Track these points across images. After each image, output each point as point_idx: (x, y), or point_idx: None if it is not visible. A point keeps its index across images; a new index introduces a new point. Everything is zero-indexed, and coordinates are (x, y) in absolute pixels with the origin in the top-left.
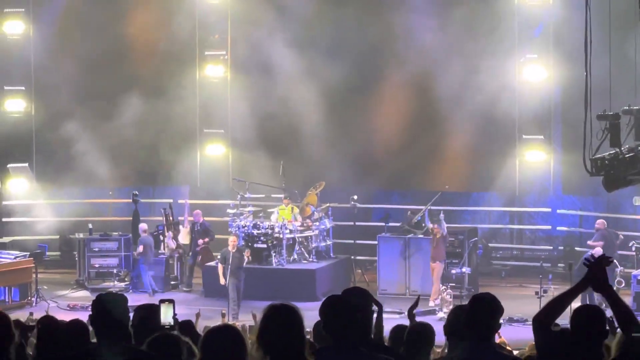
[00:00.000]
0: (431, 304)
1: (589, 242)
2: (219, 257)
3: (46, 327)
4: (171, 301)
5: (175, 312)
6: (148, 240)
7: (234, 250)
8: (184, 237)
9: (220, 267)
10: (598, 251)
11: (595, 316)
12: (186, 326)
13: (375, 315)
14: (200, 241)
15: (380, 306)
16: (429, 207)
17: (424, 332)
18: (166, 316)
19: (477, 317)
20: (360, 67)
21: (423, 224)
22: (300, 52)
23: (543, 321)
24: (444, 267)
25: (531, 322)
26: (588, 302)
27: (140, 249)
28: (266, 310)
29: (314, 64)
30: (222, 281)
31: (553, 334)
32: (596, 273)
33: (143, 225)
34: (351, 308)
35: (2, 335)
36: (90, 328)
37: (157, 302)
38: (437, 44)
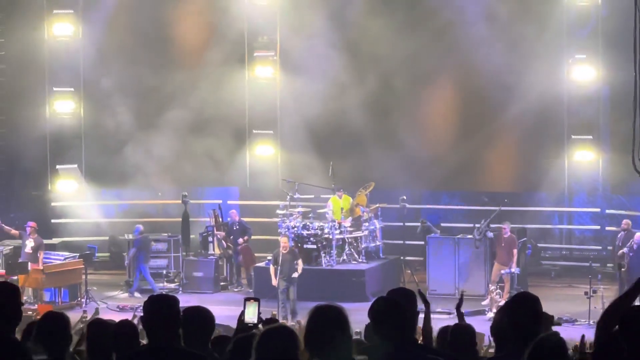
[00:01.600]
0: (485, 302)
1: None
2: (269, 258)
3: (96, 331)
4: (257, 299)
5: (260, 311)
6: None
7: (285, 252)
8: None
9: (272, 268)
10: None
11: None
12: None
13: (423, 315)
14: (240, 240)
15: (427, 305)
16: (500, 209)
17: (464, 334)
18: (252, 315)
19: (518, 319)
20: (409, 67)
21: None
22: (349, 52)
23: (606, 324)
24: (512, 269)
25: (595, 324)
26: None
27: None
28: (312, 311)
29: (362, 64)
30: (274, 282)
31: (614, 337)
32: None
33: (139, 227)
34: (399, 309)
35: (60, 337)
36: (140, 328)
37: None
38: (485, 44)
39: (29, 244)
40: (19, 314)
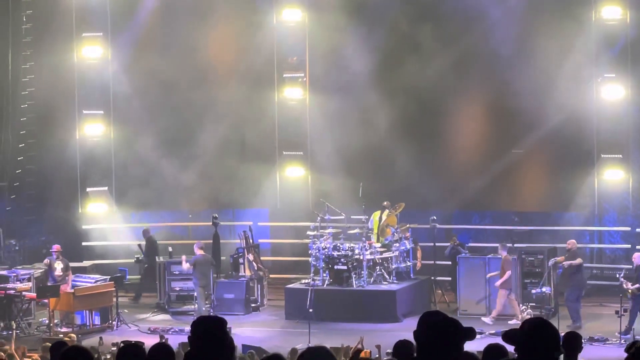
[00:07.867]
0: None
1: (565, 263)
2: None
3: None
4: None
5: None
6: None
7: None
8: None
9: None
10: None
11: None
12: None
13: None
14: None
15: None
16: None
17: (497, 354)
18: None
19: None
20: (440, 87)
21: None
22: (379, 71)
23: None
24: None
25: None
26: None
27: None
28: (302, 354)
29: (393, 84)
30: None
31: None
32: None
33: (199, 243)
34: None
35: None
36: (175, 351)
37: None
38: (515, 63)
39: (58, 266)
40: None
